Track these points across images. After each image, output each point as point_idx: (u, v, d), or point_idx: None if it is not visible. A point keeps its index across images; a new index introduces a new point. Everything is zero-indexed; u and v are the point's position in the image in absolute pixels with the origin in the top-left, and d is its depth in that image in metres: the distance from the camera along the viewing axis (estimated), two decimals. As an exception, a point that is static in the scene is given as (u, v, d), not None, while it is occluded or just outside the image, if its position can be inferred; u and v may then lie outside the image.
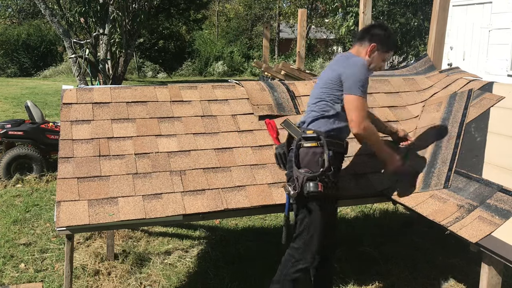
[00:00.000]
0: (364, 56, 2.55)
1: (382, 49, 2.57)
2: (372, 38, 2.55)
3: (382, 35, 2.56)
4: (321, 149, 2.38)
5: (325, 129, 2.47)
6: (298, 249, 2.48)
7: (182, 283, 3.30)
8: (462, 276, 3.33)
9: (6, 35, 21.80)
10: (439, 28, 3.75)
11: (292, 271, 2.48)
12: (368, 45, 2.55)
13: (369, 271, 3.39)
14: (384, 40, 2.56)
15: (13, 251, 3.77)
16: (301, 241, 2.46)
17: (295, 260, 2.48)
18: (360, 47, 2.59)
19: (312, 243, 2.44)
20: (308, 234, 2.44)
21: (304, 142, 2.41)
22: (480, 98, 3.10)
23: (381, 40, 2.55)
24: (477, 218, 2.24)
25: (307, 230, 2.44)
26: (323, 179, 2.33)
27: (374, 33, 2.56)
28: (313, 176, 2.32)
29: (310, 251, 2.45)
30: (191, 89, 3.21)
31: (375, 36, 2.55)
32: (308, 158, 2.39)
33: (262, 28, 23.26)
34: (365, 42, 2.57)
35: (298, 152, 2.41)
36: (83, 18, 8.90)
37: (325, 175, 2.33)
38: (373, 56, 2.56)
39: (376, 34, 2.56)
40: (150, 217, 2.43)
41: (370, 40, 2.55)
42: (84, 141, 2.72)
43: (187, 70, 23.13)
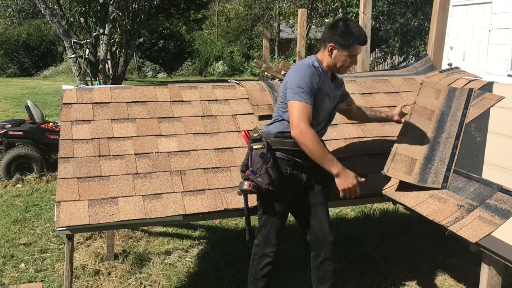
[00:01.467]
0: (327, 57, 2.48)
1: (341, 47, 2.43)
2: (328, 38, 2.46)
3: (338, 32, 2.42)
4: (263, 149, 2.40)
5: (278, 130, 2.48)
6: (259, 245, 2.55)
7: (182, 283, 3.30)
8: (462, 276, 3.33)
9: (6, 35, 21.80)
10: (439, 28, 3.75)
11: (259, 268, 2.55)
12: (327, 46, 2.46)
13: (369, 271, 3.39)
14: (341, 37, 2.42)
15: (13, 251, 3.77)
16: (261, 236, 2.55)
17: (259, 257, 2.55)
18: (323, 49, 2.50)
19: (270, 237, 2.52)
20: (265, 230, 2.53)
21: (253, 144, 2.44)
22: (480, 98, 3.10)
23: (337, 37, 2.42)
24: (477, 218, 2.24)
25: (264, 226, 2.53)
26: (255, 177, 2.36)
27: (330, 32, 2.46)
28: (246, 176, 2.39)
29: (269, 246, 2.52)
30: (191, 89, 3.21)
31: (331, 35, 2.45)
32: (255, 159, 2.41)
33: (262, 28, 23.30)
34: (325, 42, 2.48)
35: (250, 154, 2.44)
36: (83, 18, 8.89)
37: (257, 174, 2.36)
38: (334, 56, 2.46)
39: (332, 33, 2.45)
40: (150, 217, 2.43)
41: (328, 40, 2.46)
42: (84, 141, 2.72)
43: (187, 70, 23.14)
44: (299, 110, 2.33)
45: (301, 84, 2.36)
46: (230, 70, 22.99)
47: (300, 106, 2.33)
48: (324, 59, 2.50)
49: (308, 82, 2.37)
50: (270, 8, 26.29)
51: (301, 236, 2.82)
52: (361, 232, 4.11)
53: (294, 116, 2.34)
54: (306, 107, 2.34)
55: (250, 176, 2.38)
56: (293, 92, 2.36)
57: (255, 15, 27.43)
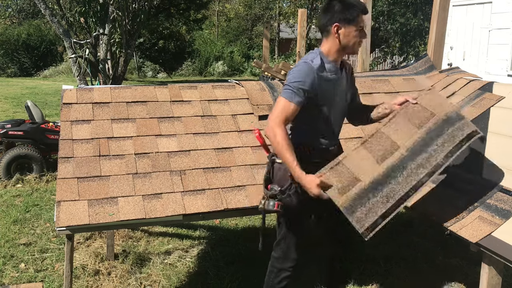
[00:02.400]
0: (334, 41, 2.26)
1: (347, 22, 2.23)
2: (329, 20, 2.25)
3: (337, 10, 2.23)
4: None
5: (298, 141, 2.31)
6: (278, 259, 2.47)
7: (182, 283, 3.30)
8: (462, 276, 3.33)
9: (6, 35, 21.78)
10: (439, 28, 3.75)
11: (276, 281, 2.47)
12: (331, 29, 2.24)
13: (369, 271, 3.39)
14: (342, 13, 2.23)
15: (13, 251, 3.77)
16: (280, 250, 2.46)
17: (277, 271, 2.47)
18: (327, 36, 2.29)
19: (289, 253, 2.42)
20: (284, 244, 2.43)
21: (276, 158, 2.31)
22: (480, 98, 3.10)
23: (338, 15, 2.23)
24: (477, 218, 2.24)
25: (284, 240, 2.42)
26: (284, 198, 2.25)
27: (328, 14, 2.26)
28: (272, 194, 2.26)
29: (288, 261, 2.43)
30: (191, 89, 3.21)
31: (330, 17, 2.25)
32: (281, 174, 2.30)
33: (262, 28, 23.29)
34: (326, 27, 2.27)
35: (272, 168, 2.34)
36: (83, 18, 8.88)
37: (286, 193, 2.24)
38: (343, 35, 2.25)
39: (330, 14, 2.25)
40: (150, 217, 2.43)
41: (329, 23, 2.25)
42: (84, 141, 2.72)
43: (187, 70, 23.13)
44: (280, 108, 2.19)
45: (293, 82, 2.21)
46: (230, 70, 22.99)
47: (283, 104, 2.19)
48: (332, 47, 2.29)
49: (301, 80, 2.21)
50: (270, 8, 26.29)
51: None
52: (361, 232, 4.11)
53: (273, 112, 2.21)
54: (289, 107, 2.19)
55: (278, 195, 2.25)
56: (284, 88, 2.24)
57: (255, 15, 27.42)
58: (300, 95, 2.20)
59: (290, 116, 2.21)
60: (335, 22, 2.24)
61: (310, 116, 2.31)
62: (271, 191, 2.28)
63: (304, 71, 2.23)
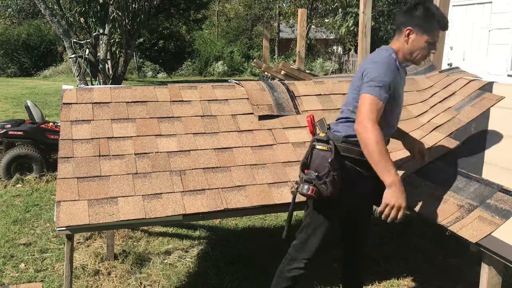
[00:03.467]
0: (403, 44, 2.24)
1: (422, 30, 2.19)
2: (406, 22, 2.21)
3: (417, 15, 2.19)
4: (330, 154, 2.22)
5: (345, 133, 2.28)
6: (295, 247, 2.42)
7: (182, 283, 3.30)
8: (462, 276, 3.33)
9: (6, 35, 21.78)
10: (439, 28, 3.75)
11: (286, 269, 2.44)
12: (404, 30, 2.22)
13: (369, 271, 3.39)
14: (421, 19, 2.17)
15: (13, 251, 3.77)
16: (300, 238, 2.41)
17: (291, 258, 2.44)
18: (399, 36, 2.26)
19: (308, 243, 2.37)
20: (306, 234, 2.39)
21: (317, 144, 2.27)
22: (480, 98, 3.10)
23: (417, 20, 2.18)
24: (477, 218, 2.24)
25: (306, 229, 2.39)
26: (320, 184, 2.18)
27: (408, 15, 2.22)
28: (308, 179, 2.21)
29: (304, 252, 2.38)
30: (191, 89, 3.21)
31: (409, 18, 2.20)
32: (319, 161, 2.25)
33: (262, 28, 23.29)
34: (401, 27, 2.24)
35: (311, 153, 2.28)
36: (83, 18, 8.89)
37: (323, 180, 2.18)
38: (412, 41, 2.21)
39: (410, 15, 2.21)
40: (150, 217, 2.43)
41: (404, 24, 2.21)
42: (84, 141, 2.72)
43: (187, 70, 23.13)
44: (370, 105, 2.10)
45: (380, 77, 2.13)
46: (230, 70, 22.99)
47: (372, 100, 2.10)
48: (400, 48, 2.26)
49: (388, 76, 2.14)
50: (270, 8, 26.30)
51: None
52: (361, 232, 4.11)
53: (362, 110, 2.11)
54: (379, 104, 2.11)
55: (314, 180, 2.19)
56: (368, 85, 2.14)
57: (255, 15, 27.43)
58: (387, 93, 2.14)
59: (380, 113, 2.12)
60: (410, 25, 2.21)
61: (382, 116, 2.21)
62: (307, 175, 2.23)
63: (390, 68, 2.17)
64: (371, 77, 2.16)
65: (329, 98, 3.35)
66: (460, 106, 3.16)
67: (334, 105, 3.30)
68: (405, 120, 3.29)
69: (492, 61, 8.22)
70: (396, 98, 2.28)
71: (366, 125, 2.08)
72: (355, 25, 10.49)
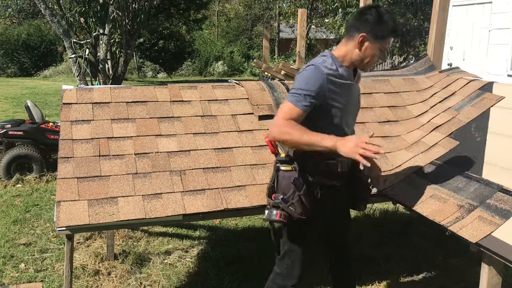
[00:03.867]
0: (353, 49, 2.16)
1: (375, 38, 2.12)
2: (359, 27, 2.11)
3: (371, 21, 2.10)
4: (295, 173, 2.13)
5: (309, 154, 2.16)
6: (281, 275, 2.32)
7: (182, 283, 3.30)
8: (462, 276, 3.33)
9: (6, 35, 21.79)
10: (439, 28, 3.75)
11: None
12: (357, 36, 2.12)
13: (369, 271, 3.39)
14: (375, 26, 2.10)
15: (13, 251, 3.77)
16: (284, 266, 2.30)
17: (277, 287, 2.33)
18: (349, 40, 2.17)
19: (294, 269, 2.29)
20: (289, 260, 2.29)
21: (280, 165, 2.18)
22: (480, 98, 3.10)
23: (371, 27, 2.10)
24: (477, 218, 2.24)
25: (288, 256, 2.29)
26: (287, 206, 2.10)
27: (363, 21, 2.12)
28: (275, 203, 2.13)
29: (292, 278, 2.29)
30: (191, 89, 3.21)
31: (363, 24, 2.11)
32: (285, 183, 2.16)
33: (262, 28, 23.28)
34: (353, 33, 2.14)
35: (276, 176, 2.20)
36: (83, 18, 8.89)
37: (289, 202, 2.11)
38: (365, 49, 2.13)
39: (365, 22, 2.11)
40: (150, 217, 2.43)
41: (358, 29, 2.12)
42: (84, 141, 2.72)
43: (187, 70, 23.13)
44: (285, 111, 2.07)
45: (299, 89, 2.09)
46: (230, 70, 22.99)
47: (288, 107, 2.07)
48: (348, 53, 2.17)
49: (308, 87, 2.08)
50: (270, 8, 26.31)
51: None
52: (361, 232, 4.11)
53: (277, 116, 2.09)
54: (294, 109, 2.06)
55: (281, 204, 2.12)
56: (290, 93, 2.13)
57: (255, 15, 27.43)
58: (307, 101, 2.07)
59: (295, 119, 2.07)
60: (363, 32, 2.11)
61: (323, 123, 2.17)
62: (274, 200, 2.17)
63: (313, 76, 2.10)
64: (294, 86, 2.13)
65: (329, 98, 3.34)
66: (460, 106, 3.16)
67: (334, 105, 3.30)
68: (405, 120, 3.29)
69: (492, 61, 8.22)
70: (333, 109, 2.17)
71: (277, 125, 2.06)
72: (355, 25, 10.49)
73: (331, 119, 2.19)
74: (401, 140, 3.14)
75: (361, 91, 3.45)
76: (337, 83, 2.14)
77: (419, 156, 2.92)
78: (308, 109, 2.09)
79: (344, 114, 2.23)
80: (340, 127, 2.23)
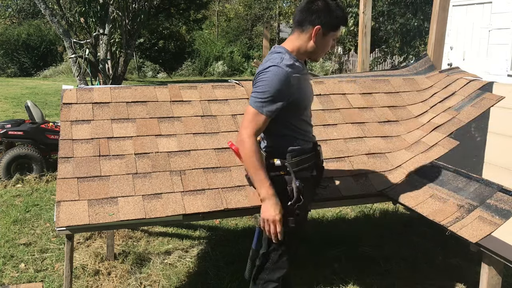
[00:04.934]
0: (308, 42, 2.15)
1: (329, 29, 2.13)
2: (313, 19, 2.11)
3: (325, 12, 2.10)
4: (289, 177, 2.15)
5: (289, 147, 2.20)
6: (266, 270, 2.29)
7: (182, 283, 3.30)
8: (462, 276, 3.33)
9: (6, 35, 21.77)
10: (439, 28, 3.76)
11: None
12: (311, 29, 2.12)
13: (369, 271, 3.39)
14: (328, 17, 2.11)
15: (13, 251, 3.77)
16: (270, 261, 2.28)
17: (263, 282, 2.30)
18: (301, 33, 2.15)
19: (280, 262, 2.28)
20: (276, 254, 2.26)
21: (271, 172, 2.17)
22: (480, 98, 3.10)
23: (324, 18, 2.10)
24: (477, 218, 2.24)
25: (276, 249, 2.26)
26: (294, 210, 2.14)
27: (314, 12, 2.10)
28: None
29: (279, 271, 2.28)
30: (191, 89, 3.21)
31: (315, 16, 2.10)
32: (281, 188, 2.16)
33: (262, 28, 23.29)
34: (306, 25, 2.13)
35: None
36: (83, 18, 8.88)
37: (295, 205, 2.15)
38: (320, 40, 2.14)
39: (317, 13, 2.10)
40: (150, 217, 2.43)
41: (311, 22, 2.11)
42: (84, 141, 2.72)
43: (187, 70, 23.13)
44: (250, 120, 2.06)
45: (262, 92, 2.06)
46: (230, 70, 22.98)
47: (253, 115, 2.06)
48: (302, 46, 2.16)
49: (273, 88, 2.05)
50: (270, 8, 26.29)
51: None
52: (361, 232, 4.11)
53: (243, 124, 2.09)
54: (260, 118, 2.06)
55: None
56: (252, 96, 2.10)
57: (255, 15, 27.41)
58: (272, 106, 2.07)
59: (262, 126, 2.08)
60: (318, 24, 2.11)
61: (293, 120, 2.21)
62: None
63: (276, 78, 2.06)
64: (256, 89, 2.09)
65: (329, 98, 3.35)
66: (460, 106, 3.16)
67: (334, 105, 3.31)
68: (405, 120, 3.30)
69: (492, 61, 8.22)
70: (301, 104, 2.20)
71: (242, 138, 2.06)
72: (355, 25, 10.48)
73: (299, 115, 2.23)
74: (401, 140, 3.14)
75: (362, 91, 3.48)
76: (298, 79, 2.14)
77: (419, 156, 2.92)
78: (274, 114, 2.09)
79: (308, 107, 2.28)
80: (307, 121, 2.29)
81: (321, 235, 4.02)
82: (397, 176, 2.85)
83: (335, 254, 3.65)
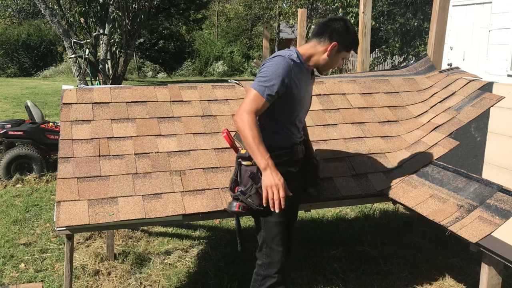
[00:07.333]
0: (322, 54, 2.31)
1: (343, 48, 2.32)
2: (332, 35, 2.28)
3: (344, 33, 2.29)
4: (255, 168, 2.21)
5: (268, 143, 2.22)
6: (262, 266, 2.36)
7: (182, 283, 3.30)
8: (462, 276, 3.33)
9: (6, 35, 21.79)
10: (439, 28, 3.75)
11: None
12: (328, 43, 2.29)
13: (369, 271, 3.39)
14: (346, 37, 2.30)
15: (13, 251, 3.77)
16: (264, 256, 2.35)
17: (262, 278, 2.35)
18: (318, 44, 2.31)
19: (273, 256, 2.33)
20: (267, 248, 2.33)
21: (242, 161, 2.30)
22: (480, 98, 3.10)
23: (343, 37, 2.29)
24: (477, 218, 2.24)
25: (265, 243, 2.34)
26: (246, 198, 2.23)
27: (335, 30, 2.28)
28: (236, 195, 2.27)
29: (274, 265, 2.33)
30: (191, 89, 3.21)
31: (335, 33, 2.28)
32: (246, 177, 2.27)
33: (262, 28, 23.28)
34: (324, 38, 2.30)
35: (239, 170, 2.32)
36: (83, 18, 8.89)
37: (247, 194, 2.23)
38: (333, 55, 2.32)
39: (337, 31, 2.28)
40: (150, 217, 2.43)
41: (330, 37, 2.28)
42: (84, 141, 2.72)
43: (187, 70, 23.13)
44: (250, 98, 2.16)
45: (266, 77, 2.19)
46: (230, 70, 22.99)
47: (255, 96, 2.16)
48: (315, 55, 2.32)
49: (275, 76, 2.18)
50: (270, 8, 26.28)
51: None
52: (361, 232, 4.11)
53: (244, 103, 2.17)
54: (260, 99, 2.16)
55: (240, 196, 2.25)
56: (256, 80, 2.21)
57: (255, 15, 27.41)
58: (272, 90, 2.17)
59: (261, 108, 2.17)
60: (335, 41, 2.28)
61: (281, 114, 2.29)
62: (236, 193, 2.29)
63: (280, 66, 2.20)
64: (261, 74, 2.22)
65: (329, 98, 3.35)
66: (460, 106, 3.16)
67: (334, 105, 3.31)
68: (405, 120, 3.30)
69: (492, 61, 8.22)
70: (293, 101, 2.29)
71: (240, 113, 2.14)
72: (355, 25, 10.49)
73: (289, 111, 2.31)
74: (401, 140, 3.14)
75: (362, 91, 3.48)
76: (299, 74, 2.28)
77: (419, 156, 2.92)
78: (272, 100, 2.20)
79: (300, 108, 2.35)
80: (294, 120, 2.35)
81: (321, 235, 4.02)
82: (397, 176, 2.85)
83: (335, 254, 3.65)
